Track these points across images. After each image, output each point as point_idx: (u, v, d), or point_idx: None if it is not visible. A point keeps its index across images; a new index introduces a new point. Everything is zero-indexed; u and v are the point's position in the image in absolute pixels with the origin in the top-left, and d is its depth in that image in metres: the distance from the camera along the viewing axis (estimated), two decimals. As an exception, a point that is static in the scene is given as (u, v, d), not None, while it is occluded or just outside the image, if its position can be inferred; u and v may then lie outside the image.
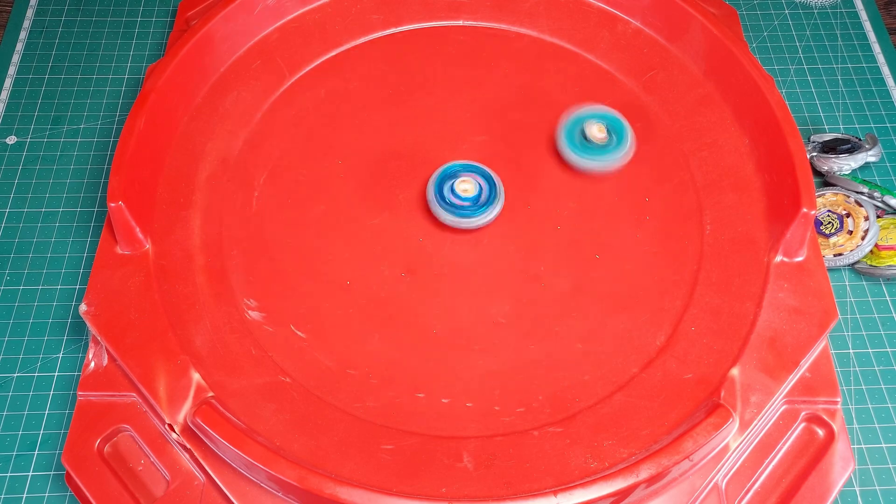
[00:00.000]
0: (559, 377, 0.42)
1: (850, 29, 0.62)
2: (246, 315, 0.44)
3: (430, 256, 0.46)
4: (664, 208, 0.48)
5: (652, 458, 0.37)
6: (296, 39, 0.54)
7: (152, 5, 0.62)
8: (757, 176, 0.48)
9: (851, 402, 0.46)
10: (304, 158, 0.50)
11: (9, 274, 0.49)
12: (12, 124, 0.56)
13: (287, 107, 0.51)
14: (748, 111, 0.49)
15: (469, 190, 0.46)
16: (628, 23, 0.55)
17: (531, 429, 0.40)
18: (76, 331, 0.48)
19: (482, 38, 0.55)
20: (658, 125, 0.51)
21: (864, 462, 0.44)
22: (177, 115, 0.50)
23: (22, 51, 0.59)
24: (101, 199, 0.52)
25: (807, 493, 0.39)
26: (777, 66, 0.60)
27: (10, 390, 0.46)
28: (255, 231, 0.47)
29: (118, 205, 0.43)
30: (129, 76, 0.58)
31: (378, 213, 0.48)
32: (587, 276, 0.46)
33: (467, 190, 0.46)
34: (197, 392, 0.40)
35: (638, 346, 0.43)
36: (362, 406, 0.41)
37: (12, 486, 0.43)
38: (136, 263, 0.44)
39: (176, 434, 0.39)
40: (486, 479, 0.39)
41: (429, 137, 0.51)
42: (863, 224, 0.50)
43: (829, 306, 0.43)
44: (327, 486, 0.36)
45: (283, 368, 0.42)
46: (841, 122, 0.57)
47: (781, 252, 0.45)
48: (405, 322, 0.44)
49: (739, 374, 0.41)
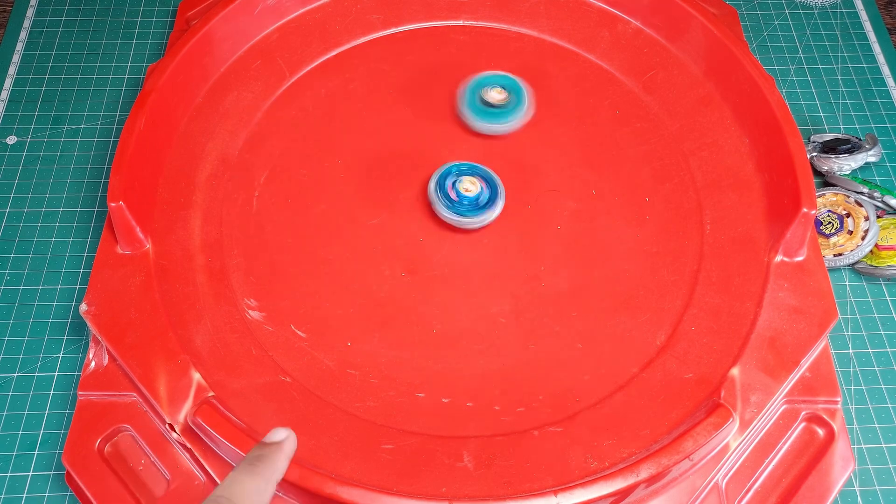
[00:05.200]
0: (559, 377, 0.42)
1: (850, 29, 0.62)
2: (246, 315, 0.44)
3: (430, 256, 0.46)
4: (664, 208, 0.48)
5: (652, 457, 0.37)
6: (296, 39, 0.54)
7: (152, 5, 0.62)
8: (757, 176, 0.48)
9: (851, 402, 0.46)
10: (304, 158, 0.50)
11: (9, 274, 0.49)
12: (12, 124, 0.56)
13: (287, 107, 0.51)
14: (748, 111, 0.49)
15: (471, 190, 0.46)
16: (628, 23, 0.55)
17: (531, 428, 0.40)
18: (76, 331, 0.48)
19: (482, 38, 0.55)
20: (658, 125, 0.51)
21: (864, 462, 0.44)
22: (177, 115, 0.50)
23: (22, 51, 0.59)
24: (101, 199, 0.52)
25: (807, 493, 0.39)
26: (777, 66, 0.60)
27: (10, 390, 0.46)
28: (255, 231, 0.47)
29: (118, 205, 0.43)
30: (129, 76, 0.58)
31: (378, 213, 0.48)
32: (587, 276, 0.46)
33: (469, 190, 0.46)
34: (197, 392, 0.40)
35: (638, 346, 0.43)
36: (362, 406, 0.41)
37: (12, 486, 0.43)
38: (137, 263, 0.44)
39: (176, 434, 0.39)
40: (486, 478, 0.39)
41: (429, 137, 0.51)
42: (863, 224, 0.50)
43: (829, 306, 0.43)
44: (328, 486, 0.36)
45: (283, 368, 0.42)
46: (841, 122, 0.57)
47: (781, 252, 0.45)
48: (405, 322, 0.44)
49: (739, 374, 0.41)
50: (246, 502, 0.30)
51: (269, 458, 0.32)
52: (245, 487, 0.30)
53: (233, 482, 0.30)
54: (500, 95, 0.49)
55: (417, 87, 0.53)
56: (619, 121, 0.51)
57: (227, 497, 0.29)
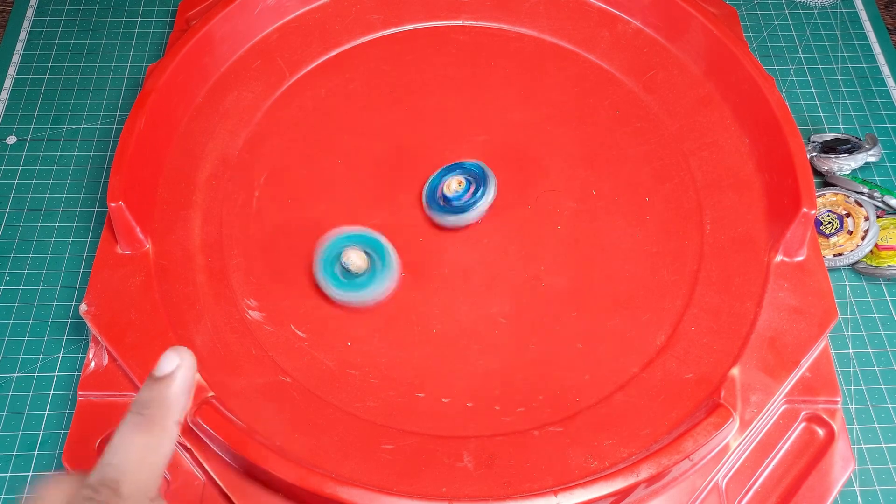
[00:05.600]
0: (559, 377, 0.42)
1: (850, 29, 0.62)
2: (246, 315, 0.44)
3: (430, 256, 0.46)
4: (664, 208, 0.48)
5: (652, 457, 0.37)
6: (296, 39, 0.54)
7: (152, 5, 0.62)
8: (757, 176, 0.48)
9: (851, 402, 0.46)
10: (304, 158, 0.49)
11: (9, 274, 0.49)
12: (12, 124, 0.56)
13: (287, 107, 0.51)
14: (748, 111, 0.49)
15: (457, 189, 0.46)
16: (628, 23, 0.55)
17: (531, 428, 0.40)
18: (76, 331, 0.48)
19: (482, 38, 0.55)
20: (658, 125, 0.51)
21: (864, 462, 0.44)
22: (177, 115, 0.50)
23: (22, 51, 0.59)
24: (101, 199, 0.52)
25: (807, 493, 0.39)
26: (777, 66, 0.60)
27: (10, 390, 0.45)
28: (255, 231, 0.47)
29: (118, 205, 0.43)
30: (129, 76, 0.58)
31: (378, 213, 0.48)
32: (587, 276, 0.46)
33: (455, 189, 0.46)
34: (197, 392, 0.40)
35: (638, 346, 0.43)
36: (362, 406, 0.41)
37: (12, 486, 0.43)
38: (137, 263, 0.44)
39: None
40: (486, 478, 0.39)
41: (429, 137, 0.51)
42: (863, 224, 0.50)
43: (830, 306, 0.43)
44: (328, 486, 0.36)
45: (283, 368, 0.42)
46: (841, 122, 0.57)
47: (781, 252, 0.45)
48: (405, 322, 0.44)
49: (739, 374, 0.41)
50: (137, 467, 0.24)
51: (159, 402, 0.25)
52: (133, 449, 0.25)
53: (119, 445, 0.25)
54: (360, 262, 0.43)
55: (417, 87, 0.53)
56: (619, 121, 0.51)
57: (114, 465, 0.24)
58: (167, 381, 0.26)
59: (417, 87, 0.53)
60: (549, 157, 0.50)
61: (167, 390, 0.26)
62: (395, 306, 0.44)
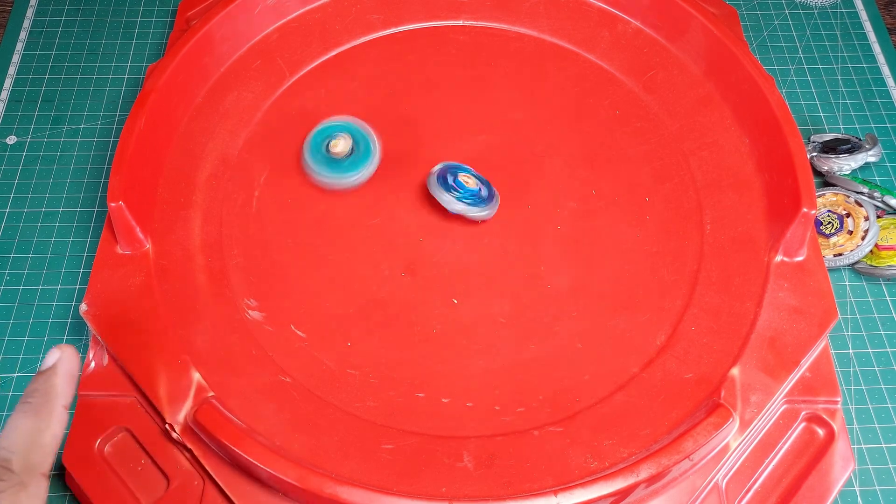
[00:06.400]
0: (559, 377, 0.42)
1: (850, 29, 0.62)
2: (246, 315, 0.44)
3: (430, 256, 0.46)
4: (664, 208, 0.48)
5: (652, 457, 0.37)
6: (296, 39, 0.54)
7: (152, 5, 0.62)
8: (757, 176, 0.48)
9: (851, 402, 0.46)
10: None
11: (9, 274, 0.49)
12: (12, 124, 0.56)
13: (287, 107, 0.51)
14: (748, 111, 0.49)
15: (471, 183, 0.46)
16: (628, 23, 0.55)
17: (531, 428, 0.40)
18: (76, 331, 0.48)
19: (482, 38, 0.55)
20: (658, 125, 0.51)
21: (864, 462, 0.44)
22: (177, 115, 0.50)
23: (22, 51, 0.59)
24: (101, 199, 0.52)
25: (807, 493, 0.39)
26: (777, 66, 0.60)
27: (10, 390, 0.45)
28: (255, 231, 0.47)
29: (118, 205, 0.43)
30: (129, 76, 0.58)
31: (378, 213, 0.48)
32: (587, 276, 0.46)
33: (469, 182, 0.46)
34: (197, 392, 0.40)
35: (638, 346, 0.43)
36: (362, 406, 0.41)
37: (12, 486, 0.43)
38: (136, 263, 0.44)
39: (176, 434, 0.39)
40: (486, 478, 0.39)
41: (429, 137, 0.51)
42: (863, 224, 0.50)
43: (829, 306, 0.43)
44: (328, 486, 0.36)
45: (283, 368, 0.42)
46: (841, 122, 0.57)
47: (781, 252, 0.45)
48: (405, 322, 0.44)
49: (739, 374, 0.41)
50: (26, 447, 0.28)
51: (44, 390, 0.30)
52: (21, 432, 0.28)
53: (10, 429, 0.28)
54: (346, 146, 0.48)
55: (417, 87, 0.53)
56: (619, 121, 0.51)
57: (4, 447, 0.28)
58: (50, 372, 0.30)
59: (417, 87, 0.53)
60: (549, 157, 0.50)
61: (50, 380, 0.30)
62: (395, 306, 0.44)
